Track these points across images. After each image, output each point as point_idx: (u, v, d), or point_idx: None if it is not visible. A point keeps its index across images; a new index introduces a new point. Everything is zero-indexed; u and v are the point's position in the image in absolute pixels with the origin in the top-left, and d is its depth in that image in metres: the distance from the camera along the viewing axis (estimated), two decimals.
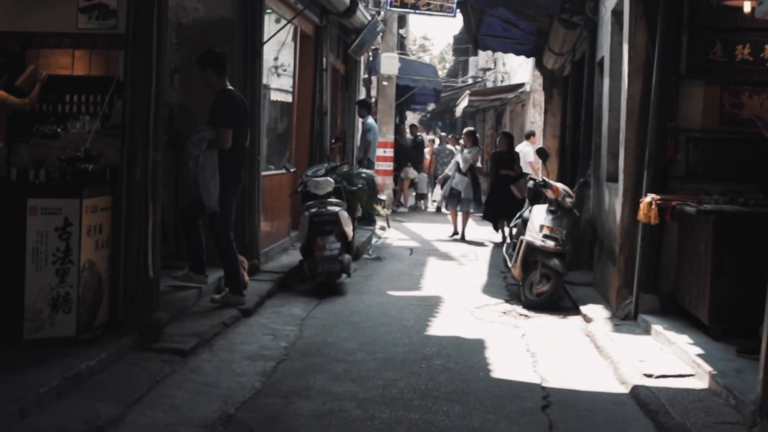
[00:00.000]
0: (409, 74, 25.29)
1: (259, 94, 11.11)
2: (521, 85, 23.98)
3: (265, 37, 11.43)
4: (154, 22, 7.57)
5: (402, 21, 34.65)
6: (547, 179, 11.31)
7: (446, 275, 13.06)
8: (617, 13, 10.93)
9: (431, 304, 10.51)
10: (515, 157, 17.29)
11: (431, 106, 41.86)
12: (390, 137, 22.73)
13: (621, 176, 9.83)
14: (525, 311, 10.42)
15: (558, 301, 10.72)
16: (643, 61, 9.59)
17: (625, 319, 9.33)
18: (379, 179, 21.85)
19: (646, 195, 8.98)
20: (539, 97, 22.46)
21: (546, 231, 10.75)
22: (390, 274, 12.91)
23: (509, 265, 11.48)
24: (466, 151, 17.70)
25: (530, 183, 12.11)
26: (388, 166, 22.51)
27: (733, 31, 9.37)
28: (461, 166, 17.46)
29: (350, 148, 19.71)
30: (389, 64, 22.78)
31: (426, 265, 14.01)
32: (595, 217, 12.61)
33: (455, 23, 63.21)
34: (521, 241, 11.00)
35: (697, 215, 8.16)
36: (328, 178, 11.43)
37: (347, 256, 11.16)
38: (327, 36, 15.68)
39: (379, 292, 11.22)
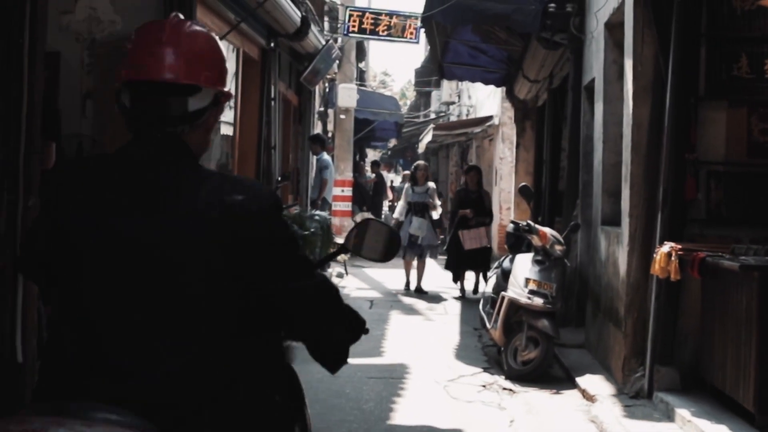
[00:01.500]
0: (369, 107, 23.55)
1: None
2: (489, 118, 22.29)
3: None
4: (26, 27, 5.70)
5: (361, 53, 33.03)
6: (531, 223, 9.51)
7: (412, 334, 11.20)
8: (613, 27, 9.23)
9: (396, 377, 8.63)
10: (485, 196, 15.15)
11: (392, 143, 40.10)
12: (348, 175, 20.92)
13: (626, 220, 8.07)
14: (509, 384, 8.58)
15: (547, 369, 8.89)
16: (650, 79, 7.88)
17: (637, 397, 7.54)
18: (336, 221, 20.07)
19: (662, 244, 7.21)
20: (509, 130, 20.83)
21: (533, 285, 8.94)
22: None
23: (487, 325, 9.64)
24: (417, 188, 15.43)
25: (510, 227, 10.32)
26: (346, 206, 20.68)
27: (761, 42, 7.69)
28: (433, 214, 15.49)
29: (303, 188, 17.91)
30: (347, 95, 21.02)
31: (388, 321, 12.14)
32: (584, 266, 10.85)
33: (417, 57, 61.77)
34: (502, 298, 9.18)
35: (739, 271, 6.34)
36: None
37: None
38: (275, 61, 13.88)
39: None
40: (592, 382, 8.22)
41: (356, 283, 16.49)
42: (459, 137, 26.45)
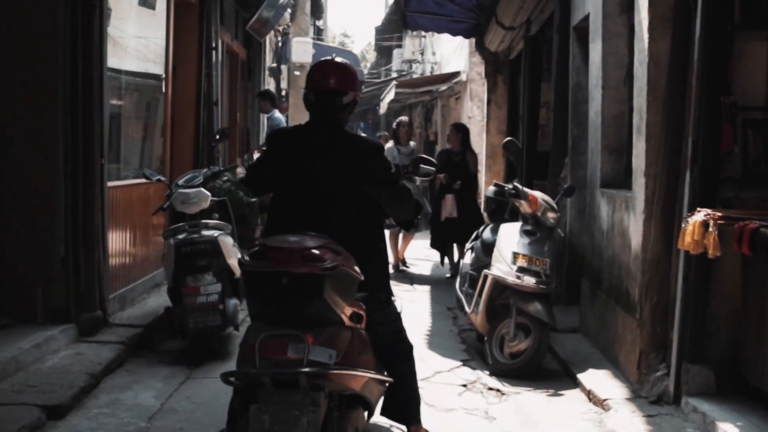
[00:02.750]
0: None
1: (99, 70, 7.58)
2: (456, 74, 20.65)
3: None
4: None
5: (318, 10, 31.29)
6: (519, 185, 7.92)
7: None
8: None
9: None
10: (469, 160, 12.53)
11: None
12: None
13: (639, 181, 6.52)
14: (495, 382, 7.05)
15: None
16: (671, 5, 6.33)
17: (659, 402, 6.03)
18: None
19: (694, 210, 5.66)
20: (478, 87, 19.24)
21: (522, 262, 7.38)
22: None
23: (466, 309, 8.08)
24: (402, 148, 13.17)
25: (491, 190, 8.74)
26: None
27: None
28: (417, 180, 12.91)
29: (254, 149, 16.24)
30: (301, 50, 19.32)
31: None
32: (575, 235, 9.36)
33: (378, 16, 59.57)
34: (485, 277, 7.61)
35: None
36: (201, 190, 7.86)
37: (233, 302, 7.68)
38: (216, 5, 12.18)
39: None
40: (598, 380, 6.70)
41: None
42: (423, 96, 24.79)
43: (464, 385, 6.95)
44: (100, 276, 7.65)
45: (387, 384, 4.96)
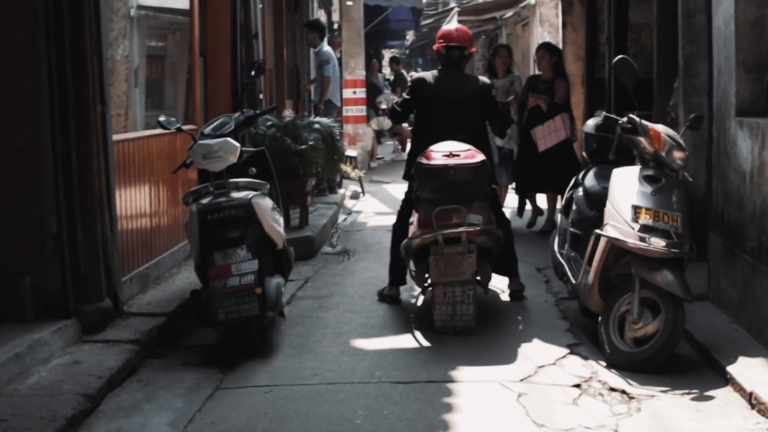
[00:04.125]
0: None
1: None
2: None
3: None
4: None
5: None
6: (635, 118, 6.14)
7: None
8: None
9: (437, 379, 5.32)
10: (557, 88, 10.32)
11: (410, 37, 36.38)
12: (360, 73, 17.45)
13: None
14: (618, 378, 5.36)
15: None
16: None
17: None
18: (349, 128, 16.76)
19: None
20: (548, 11, 17.40)
21: (646, 218, 5.62)
22: (361, 289, 7.75)
23: (570, 278, 6.37)
24: (497, 81, 10.38)
25: (590, 125, 7.03)
26: (360, 110, 17.21)
27: None
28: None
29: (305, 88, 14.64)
30: None
31: None
32: (691, 176, 7.54)
33: None
34: (596, 239, 5.89)
35: None
36: (227, 140, 6.17)
37: (276, 281, 6.07)
38: None
39: (337, 344, 6.11)
40: (757, 376, 5.01)
41: (374, 205, 13.28)
42: (486, 24, 22.92)
43: (577, 385, 5.29)
44: (107, 254, 6.06)
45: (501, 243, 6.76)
